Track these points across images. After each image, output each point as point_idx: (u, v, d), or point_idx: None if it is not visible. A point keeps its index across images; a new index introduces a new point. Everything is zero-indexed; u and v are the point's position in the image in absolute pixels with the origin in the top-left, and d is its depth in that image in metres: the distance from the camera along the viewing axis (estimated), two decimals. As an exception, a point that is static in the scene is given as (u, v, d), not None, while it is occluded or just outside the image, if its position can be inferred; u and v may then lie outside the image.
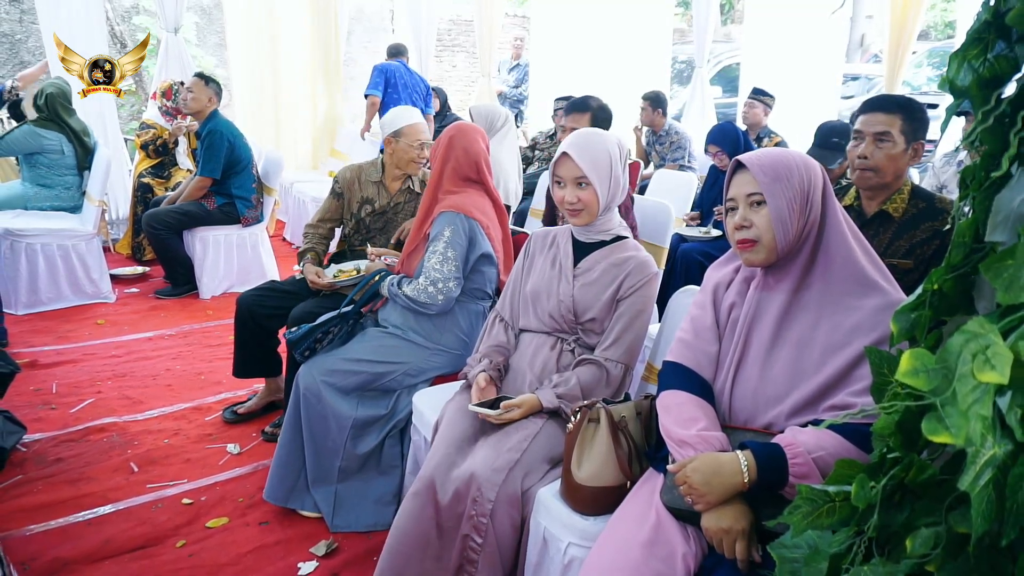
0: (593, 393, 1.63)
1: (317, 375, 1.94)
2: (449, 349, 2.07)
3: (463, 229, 2.00)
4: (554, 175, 1.70)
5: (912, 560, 0.61)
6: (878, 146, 1.80)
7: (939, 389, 0.54)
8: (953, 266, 0.69)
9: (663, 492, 1.25)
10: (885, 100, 1.85)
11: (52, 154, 3.89)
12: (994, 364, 0.50)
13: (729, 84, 8.47)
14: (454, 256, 1.98)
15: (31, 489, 2.12)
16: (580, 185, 1.65)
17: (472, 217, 2.02)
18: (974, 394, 0.51)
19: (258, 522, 2.01)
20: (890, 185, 1.84)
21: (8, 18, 7.72)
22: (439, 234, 1.99)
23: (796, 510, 0.74)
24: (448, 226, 1.99)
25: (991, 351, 0.51)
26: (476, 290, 2.11)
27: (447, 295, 1.98)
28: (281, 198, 5.31)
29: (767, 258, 1.25)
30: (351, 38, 8.89)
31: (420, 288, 1.97)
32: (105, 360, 3.09)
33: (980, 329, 0.52)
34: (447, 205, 2.02)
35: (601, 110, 2.81)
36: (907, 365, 0.56)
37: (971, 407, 0.51)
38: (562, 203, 1.69)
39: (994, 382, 0.50)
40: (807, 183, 1.23)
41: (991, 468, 0.51)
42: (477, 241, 2.03)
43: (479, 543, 1.47)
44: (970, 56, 0.66)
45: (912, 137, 1.79)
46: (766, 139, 4.54)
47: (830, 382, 1.19)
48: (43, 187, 3.92)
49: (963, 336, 0.53)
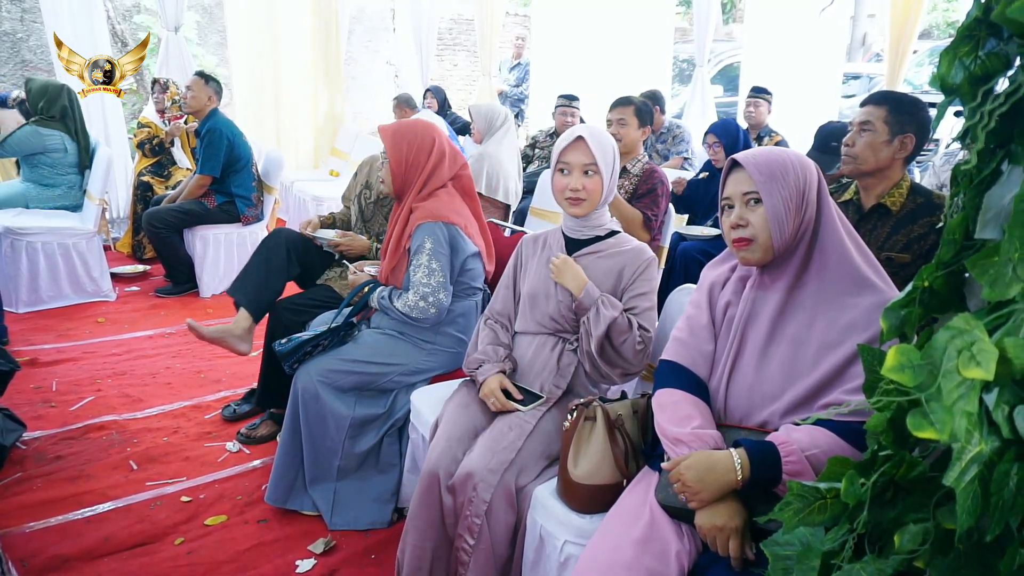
0: (616, 339, 1.62)
1: (314, 375, 1.94)
2: (445, 348, 2.07)
3: (443, 237, 1.97)
4: (560, 161, 1.67)
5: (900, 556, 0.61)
6: (860, 135, 1.84)
7: (924, 385, 0.54)
8: (944, 263, 0.69)
9: (657, 490, 1.25)
10: (877, 94, 1.91)
11: (55, 153, 3.88)
12: (979, 360, 0.50)
13: (730, 83, 8.47)
14: (439, 267, 1.95)
15: (31, 486, 2.12)
16: (587, 173, 1.65)
17: (450, 222, 1.99)
18: (959, 390, 0.51)
19: (256, 520, 2.01)
20: (874, 175, 1.86)
21: (9, 17, 7.73)
22: (420, 247, 1.96)
23: (787, 507, 0.74)
24: (428, 237, 1.96)
25: (976, 347, 0.51)
26: (466, 287, 2.10)
27: (439, 307, 1.97)
28: (281, 197, 5.31)
29: (763, 257, 1.25)
30: (352, 37, 8.89)
31: (411, 304, 1.95)
32: (105, 358, 3.10)
33: (965, 325, 0.52)
34: (422, 216, 1.99)
35: (644, 104, 2.86)
36: (893, 361, 0.56)
37: (956, 403, 0.51)
38: (564, 191, 1.66)
39: (979, 378, 0.50)
40: (803, 182, 1.23)
41: (977, 464, 0.51)
42: (459, 246, 2.01)
43: (471, 545, 1.48)
44: (961, 53, 0.66)
45: (898, 130, 1.81)
46: (766, 138, 4.53)
47: (825, 380, 1.19)
48: (45, 187, 3.91)
49: (948, 332, 0.53)
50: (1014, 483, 0.51)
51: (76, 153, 3.97)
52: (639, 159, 2.90)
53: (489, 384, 1.69)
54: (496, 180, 3.45)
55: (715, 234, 3.24)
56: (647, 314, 1.67)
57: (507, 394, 1.67)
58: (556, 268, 1.67)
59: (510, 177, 3.51)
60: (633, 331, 1.63)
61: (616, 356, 1.65)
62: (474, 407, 1.71)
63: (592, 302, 1.63)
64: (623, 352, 1.64)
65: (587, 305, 1.63)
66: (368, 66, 10.00)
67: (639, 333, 1.63)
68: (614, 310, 1.62)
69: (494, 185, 3.46)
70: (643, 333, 1.64)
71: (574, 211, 1.69)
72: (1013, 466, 0.51)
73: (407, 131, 2.06)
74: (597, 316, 1.62)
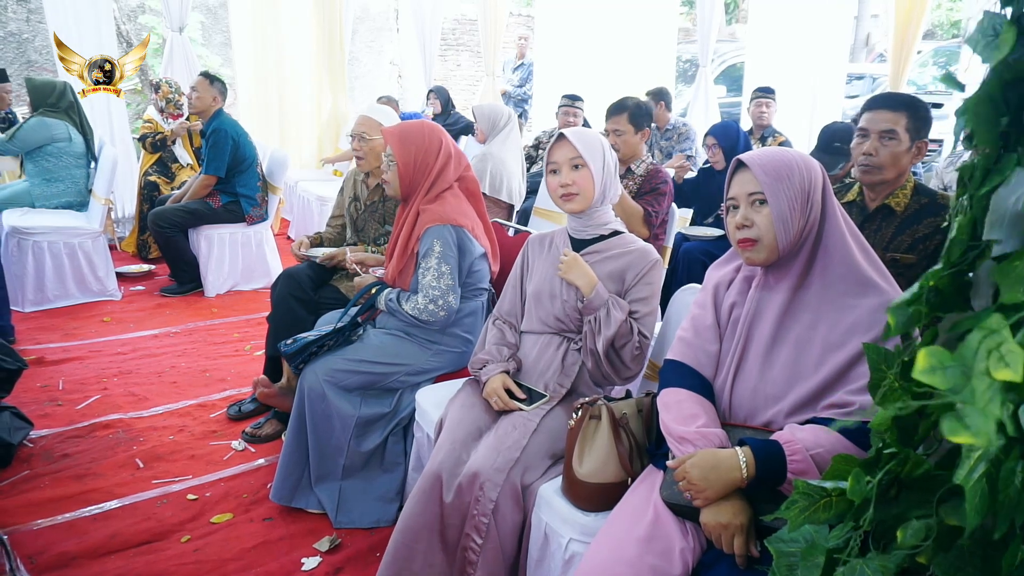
0: (618, 342, 1.63)
1: (321, 375, 1.95)
2: (451, 348, 2.08)
3: (452, 240, 1.97)
4: (549, 163, 1.70)
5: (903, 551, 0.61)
6: (883, 143, 1.80)
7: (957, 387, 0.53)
8: (951, 263, 0.70)
9: (662, 488, 1.26)
10: (891, 98, 1.85)
11: (60, 142, 3.87)
12: (1008, 361, 0.50)
13: (733, 83, 8.46)
14: (448, 270, 1.96)
15: (38, 484, 2.14)
16: (575, 167, 1.67)
17: (457, 225, 1.99)
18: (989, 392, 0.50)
19: (262, 518, 2.02)
20: (892, 181, 1.85)
21: (15, 17, 7.76)
22: (429, 250, 1.96)
23: (793, 505, 0.75)
24: (437, 240, 1.96)
25: (1005, 348, 0.50)
26: (472, 288, 2.10)
27: (448, 310, 1.97)
28: (286, 197, 5.33)
29: (768, 257, 1.26)
30: (355, 37, 8.90)
31: (420, 307, 1.96)
32: (111, 357, 3.11)
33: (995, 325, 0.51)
34: (430, 219, 1.98)
35: (637, 107, 2.82)
36: (924, 363, 0.54)
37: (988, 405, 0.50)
38: (556, 189, 1.69)
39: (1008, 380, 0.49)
40: (808, 183, 1.24)
41: (984, 462, 0.51)
42: (467, 248, 2.01)
43: (479, 544, 1.48)
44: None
45: (916, 135, 1.80)
46: (770, 138, 4.53)
47: (829, 380, 1.20)
48: (49, 182, 3.91)
49: (981, 332, 0.52)
50: (1020, 480, 0.51)
51: (82, 144, 3.97)
52: (643, 160, 2.91)
53: (492, 384, 1.70)
54: (500, 180, 3.46)
55: (718, 235, 3.25)
56: (647, 320, 1.68)
57: (510, 394, 1.68)
58: (565, 265, 1.68)
59: (513, 177, 3.52)
60: (634, 336, 1.64)
61: (616, 358, 1.66)
62: (478, 407, 1.72)
63: (602, 303, 1.64)
64: (623, 356, 1.65)
65: (597, 305, 1.64)
66: (372, 66, 10.01)
67: (638, 339, 1.65)
68: (623, 312, 1.63)
69: (498, 185, 3.46)
70: (642, 340, 1.66)
71: (570, 207, 1.70)
72: (1019, 463, 0.51)
73: (415, 133, 2.06)
74: (608, 317, 1.63)
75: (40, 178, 3.92)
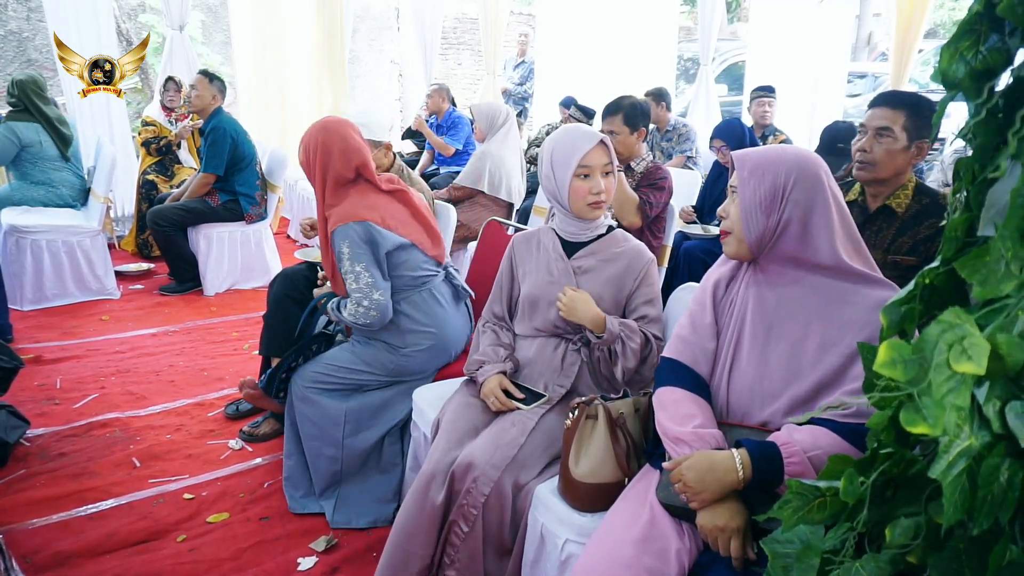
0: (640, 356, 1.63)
1: (304, 382, 1.98)
2: (418, 346, 2.01)
3: (357, 236, 1.89)
4: (580, 166, 1.64)
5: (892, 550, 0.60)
6: (878, 141, 1.78)
7: (916, 379, 0.53)
8: (946, 260, 0.69)
9: (658, 489, 1.25)
10: (892, 96, 1.83)
11: (31, 147, 3.81)
12: (971, 355, 0.50)
13: (735, 82, 8.45)
14: (363, 267, 1.89)
15: (34, 483, 2.13)
16: (607, 174, 1.67)
17: (360, 220, 1.90)
18: (949, 384, 0.51)
19: (258, 517, 2.02)
20: (887, 181, 1.82)
21: (16, 16, 7.76)
22: (340, 255, 1.91)
23: (786, 505, 0.74)
24: (343, 242, 1.89)
25: (968, 341, 0.50)
26: (409, 279, 2.01)
27: (379, 307, 1.90)
28: (285, 195, 5.32)
29: (738, 250, 1.27)
30: (356, 36, 8.89)
31: (353, 313, 1.91)
32: (109, 356, 3.11)
33: (956, 319, 0.52)
34: (334, 221, 1.93)
35: (632, 108, 2.77)
36: (884, 356, 0.56)
37: (945, 396, 0.51)
38: (587, 195, 1.65)
39: (971, 373, 0.49)
40: (785, 181, 1.21)
41: (965, 458, 0.50)
42: (377, 240, 1.92)
43: (465, 531, 1.49)
44: (962, 48, 0.65)
45: (916, 135, 1.77)
46: (771, 137, 4.51)
47: (825, 380, 1.19)
48: (35, 184, 3.87)
49: (939, 326, 0.53)
50: (1004, 478, 0.51)
51: (53, 145, 3.87)
52: (643, 159, 2.89)
53: (489, 384, 1.69)
54: (499, 179, 3.45)
55: (717, 233, 3.23)
56: (656, 322, 1.68)
57: (508, 394, 1.67)
58: (566, 308, 1.63)
59: (513, 176, 3.51)
60: (652, 348, 1.64)
61: (633, 374, 1.66)
62: (475, 407, 1.71)
63: (614, 338, 1.61)
64: (642, 370, 1.66)
65: (609, 341, 1.62)
66: (372, 65, 10.01)
67: (654, 343, 1.64)
68: (636, 336, 1.62)
69: (497, 184, 3.45)
70: (657, 343, 1.65)
71: (596, 214, 1.69)
72: (1004, 461, 0.51)
73: (303, 139, 2.01)
74: (624, 349, 1.61)
75: (22, 182, 3.89)
